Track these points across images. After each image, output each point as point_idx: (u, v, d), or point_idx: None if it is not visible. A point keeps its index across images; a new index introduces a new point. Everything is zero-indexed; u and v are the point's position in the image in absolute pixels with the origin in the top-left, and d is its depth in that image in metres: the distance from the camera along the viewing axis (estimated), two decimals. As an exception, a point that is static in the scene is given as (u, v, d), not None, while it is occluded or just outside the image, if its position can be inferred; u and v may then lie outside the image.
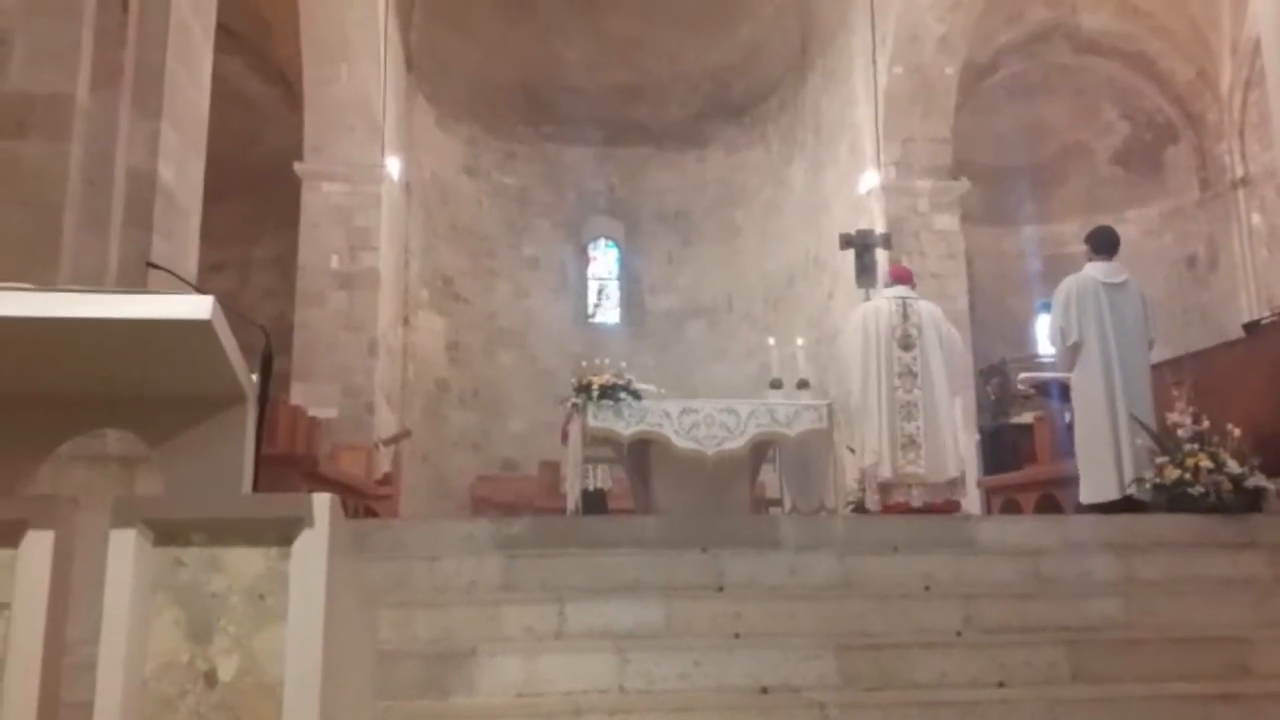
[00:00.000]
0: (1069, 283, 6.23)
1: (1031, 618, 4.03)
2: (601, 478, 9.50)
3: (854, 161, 12.90)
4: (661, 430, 6.83)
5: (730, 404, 7.04)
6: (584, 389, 6.89)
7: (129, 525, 1.77)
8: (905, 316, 6.84)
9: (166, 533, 1.82)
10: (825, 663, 3.56)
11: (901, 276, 7.24)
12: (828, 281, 13.56)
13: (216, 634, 1.80)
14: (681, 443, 6.79)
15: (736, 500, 7.19)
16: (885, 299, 7.04)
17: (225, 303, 2.08)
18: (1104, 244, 6.30)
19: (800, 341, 8.37)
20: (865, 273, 9.94)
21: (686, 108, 16.80)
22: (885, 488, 6.60)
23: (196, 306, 1.78)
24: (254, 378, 2.15)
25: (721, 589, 4.24)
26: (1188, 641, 3.83)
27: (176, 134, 4.71)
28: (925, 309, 6.93)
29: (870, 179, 12.11)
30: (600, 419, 6.81)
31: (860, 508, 7.12)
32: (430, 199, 15.16)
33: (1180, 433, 5.42)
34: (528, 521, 4.97)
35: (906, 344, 6.77)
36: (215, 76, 5.82)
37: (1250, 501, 5.10)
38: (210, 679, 1.77)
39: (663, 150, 17.00)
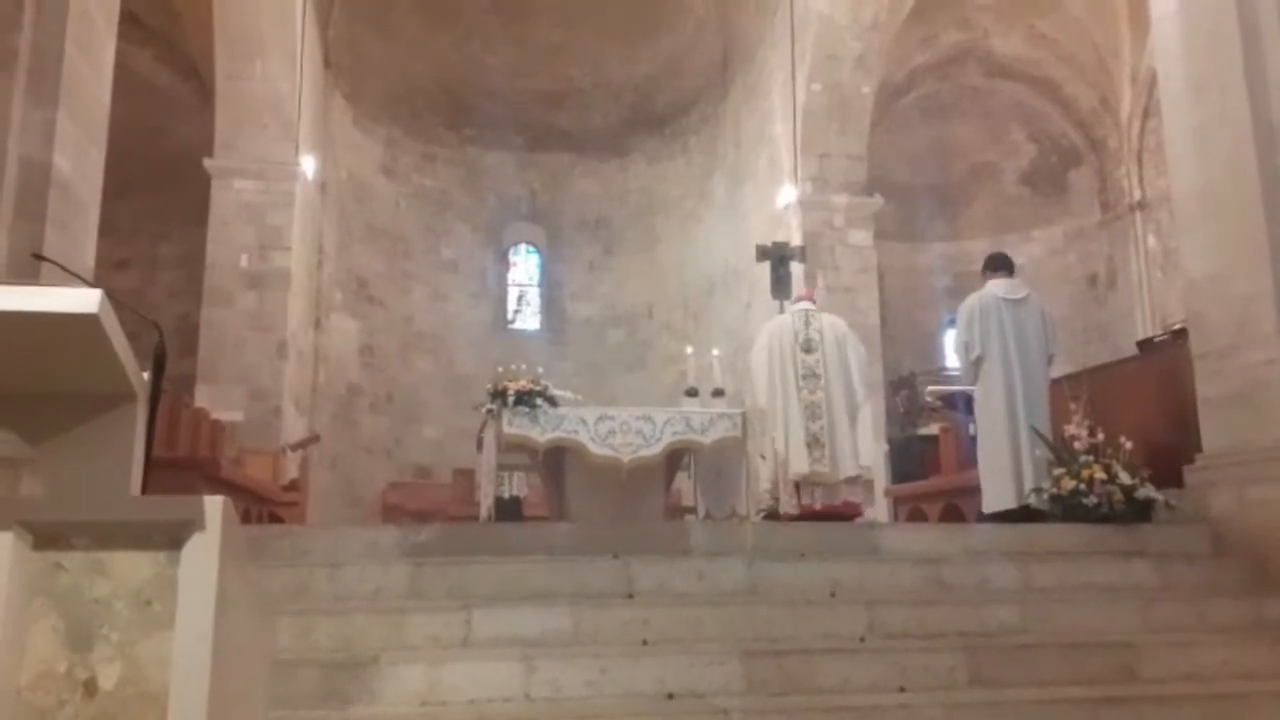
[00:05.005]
0: (972, 300, 6.40)
1: (932, 624, 4.13)
2: (517, 485, 9.44)
3: (772, 175, 13.09)
4: (577, 437, 6.80)
5: (647, 412, 7.04)
6: (499, 394, 6.82)
7: (4, 528, 1.69)
8: (807, 324, 7.00)
9: (46, 536, 1.75)
10: (731, 669, 3.58)
11: (807, 296, 7.48)
12: (746, 292, 13.71)
13: (98, 641, 1.73)
14: (597, 450, 6.76)
15: (651, 508, 7.20)
16: (789, 314, 7.23)
17: (126, 300, 2.01)
18: (999, 265, 6.52)
19: (717, 351, 8.43)
20: (780, 284, 10.05)
21: (609, 116, 16.84)
22: (799, 488, 6.68)
23: (83, 300, 1.73)
24: (145, 376, 2.08)
25: (631, 596, 4.24)
26: (1079, 647, 3.97)
27: (74, 124, 4.54)
28: (826, 320, 7.11)
29: (788, 193, 12.30)
30: (515, 425, 6.75)
31: (772, 514, 7.21)
32: (346, 199, 14.89)
33: (1076, 445, 5.59)
34: (436, 528, 4.89)
35: (808, 348, 6.92)
36: (123, 68, 5.63)
37: (1140, 511, 5.29)
38: (90, 688, 1.71)
39: (585, 158, 17.00)
